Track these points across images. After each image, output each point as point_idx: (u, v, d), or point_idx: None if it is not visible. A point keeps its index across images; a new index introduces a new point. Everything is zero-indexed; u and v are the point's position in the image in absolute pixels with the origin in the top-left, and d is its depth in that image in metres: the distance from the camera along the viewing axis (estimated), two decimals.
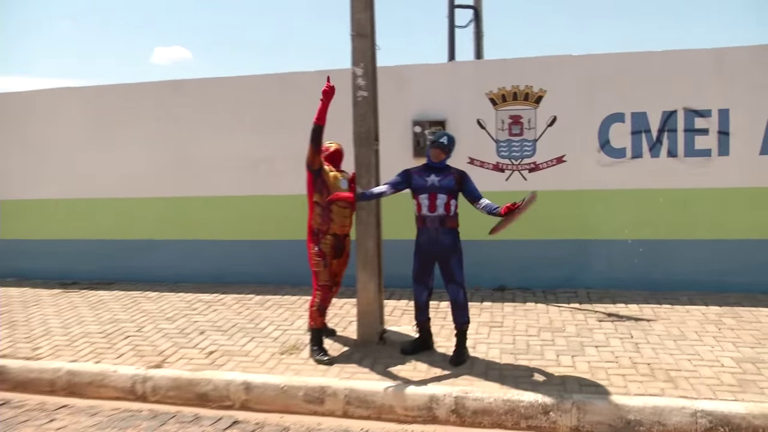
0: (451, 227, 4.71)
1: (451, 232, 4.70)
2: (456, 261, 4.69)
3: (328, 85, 4.88)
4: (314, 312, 4.93)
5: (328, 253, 4.91)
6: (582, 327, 5.39)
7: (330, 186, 4.90)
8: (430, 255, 4.74)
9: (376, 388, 4.30)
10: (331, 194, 4.87)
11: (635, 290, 6.37)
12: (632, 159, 6.33)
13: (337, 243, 4.97)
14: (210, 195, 7.35)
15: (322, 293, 4.91)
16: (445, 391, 4.21)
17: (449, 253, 4.69)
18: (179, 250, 7.47)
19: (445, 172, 4.71)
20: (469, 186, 4.70)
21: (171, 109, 7.36)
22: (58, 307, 6.56)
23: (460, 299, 4.70)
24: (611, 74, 6.33)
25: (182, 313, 6.20)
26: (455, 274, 4.69)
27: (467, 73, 6.62)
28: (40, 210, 7.87)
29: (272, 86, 7.06)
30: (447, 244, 4.68)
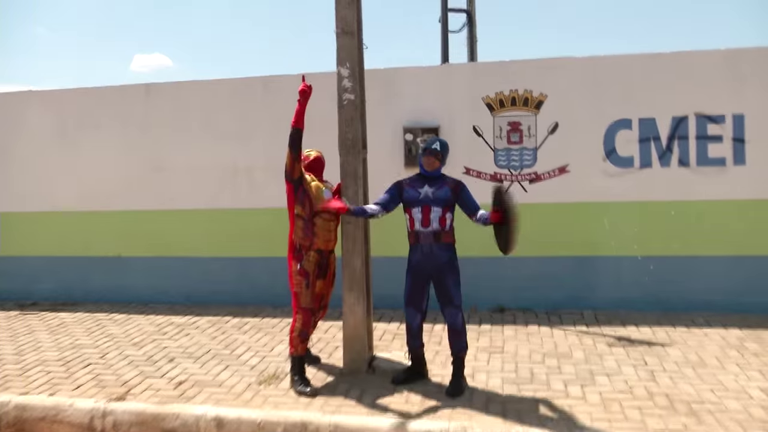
0: (447, 243, 4.45)
1: (446, 248, 4.44)
2: (453, 281, 4.43)
3: (304, 85, 4.68)
4: (295, 338, 4.63)
5: (311, 272, 4.63)
6: (591, 352, 5.12)
7: (313, 197, 4.64)
8: (423, 274, 4.48)
9: (364, 424, 3.99)
10: (314, 206, 4.59)
11: (646, 311, 6.14)
12: (640, 169, 6.15)
13: (321, 260, 4.70)
14: (184, 208, 7.07)
15: (303, 317, 4.62)
16: (442, 426, 3.90)
17: (445, 271, 4.42)
18: (150, 268, 7.19)
19: (440, 183, 4.47)
20: (467, 197, 4.44)
21: (142, 115, 7.11)
22: (12, 332, 6.20)
23: (458, 324, 4.44)
24: (617, 77, 6.16)
25: (151, 338, 5.88)
26: (452, 295, 4.43)
27: (462, 77, 6.43)
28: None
29: (253, 90, 6.84)
30: (443, 261, 4.42)
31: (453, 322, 4.43)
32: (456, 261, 4.46)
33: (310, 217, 4.62)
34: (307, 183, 4.66)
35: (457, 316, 4.43)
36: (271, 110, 6.72)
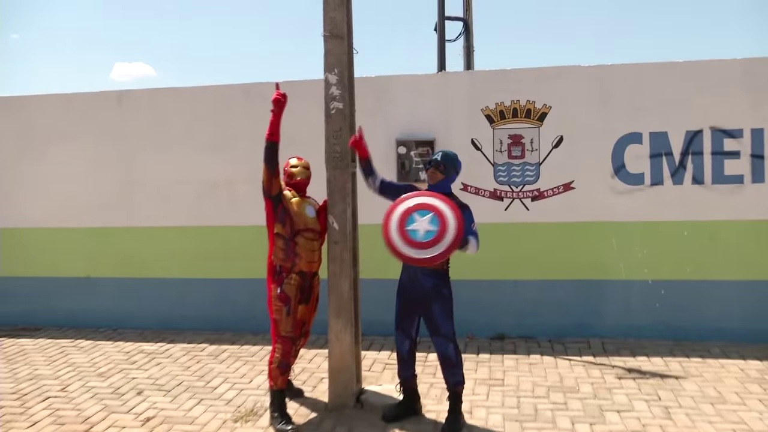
0: (434, 268, 4.22)
1: (433, 275, 4.23)
2: (440, 309, 4.22)
3: (278, 93, 4.52)
4: (274, 370, 4.40)
5: (292, 297, 4.41)
6: (599, 386, 4.91)
7: (294, 214, 4.45)
8: (411, 298, 4.31)
9: None
10: (295, 224, 4.39)
11: (657, 339, 5.95)
12: (651, 186, 6.00)
13: (303, 283, 4.48)
14: (158, 225, 6.85)
15: (283, 347, 4.38)
16: None
17: (431, 299, 4.23)
18: (120, 291, 6.95)
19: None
20: (466, 219, 4.17)
21: (114, 124, 6.90)
22: None
23: (449, 355, 4.23)
24: (626, 88, 6.02)
25: (118, 368, 5.63)
26: (439, 325, 4.23)
27: (460, 86, 6.27)
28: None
29: (234, 98, 6.66)
30: (428, 287, 4.22)
31: (443, 352, 4.23)
32: (445, 288, 4.24)
33: (291, 236, 4.43)
34: (287, 200, 4.48)
35: (447, 346, 4.22)
36: (253, 119, 6.52)
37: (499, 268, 6.16)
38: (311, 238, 4.49)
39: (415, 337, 4.38)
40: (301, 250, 4.43)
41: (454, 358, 4.22)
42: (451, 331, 4.22)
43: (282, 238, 4.44)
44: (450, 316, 4.23)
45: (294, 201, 4.49)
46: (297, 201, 4.51)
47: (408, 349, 4.37)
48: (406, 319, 4.33)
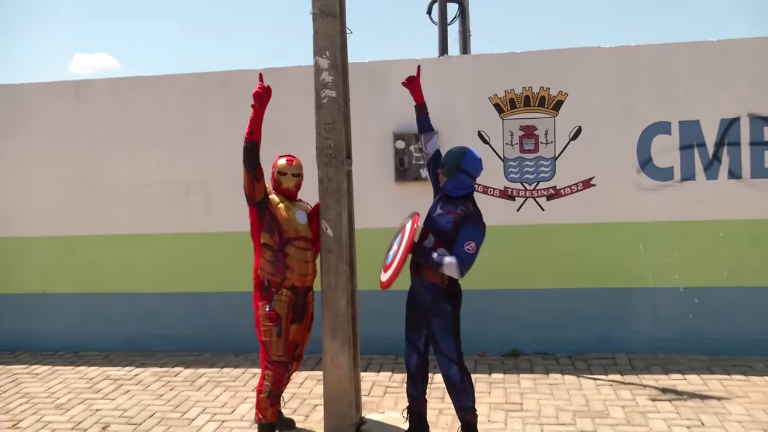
0: (431, 282, 3.99)
1: (430, 288, 4.00)
2: (439, 325, 3.99)
3: (260, 86, 4.26)
4: (263, 400, 4.14)
5: (283, 316, 4.15)
6: (631, 410, 4.68)
7: (282, 221, 4.22)
8: (414, 310, 4.17)
9: None
10: (284, 232, 4.15)
11: (691, 354, 5.75)
12: (682, 182, 5.81)
13: (296, 300, 4.23)
14: (124, 233, 6.57)
15: (274, 373, 4.12)
16: None
17: (429, 312, 4.02)
18: (81, 308, 6.68)
19: (453, 206, 3.98)
20: (462, 235, 3.88)
21: (73, 118, 6.62)
22: None
23: (452, 377, 4.00)
24: (653, 71, 5.81)
25: (80, 398, 5.35)
26: (440, 343, 4.01)
27: (465, 72, 6.06)
28: None
29: (209, 88, 6.42)
30: (426, 300, 4.02)
31: (444, 373, 4.02)
32: (444, 302, 3.99)
33: (281, 247, 4.18)
34: (274, 205, 4.24)
35: (450, 367, 3.99)
36: (232, 112, 6.30)
37: (512, 275, 5.95)
38: (303, 247, 4.24)
39: (423, 351, 4.16)
40: (292, 261, 4.17)
41: (459, 382, 3.97)
42: (452, 350, 3.98)
43: (270, 248, 4.18)
44: (451, 334, 3.98)
45: (282, 206, 4.26)
46: (285, 206, 4.27)
47: (416, 363, 4.17)
48: (413, 330, 4.17)
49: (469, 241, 3.84)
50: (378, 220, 5.78)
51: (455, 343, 3.98)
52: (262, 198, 4.20)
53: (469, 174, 3.99)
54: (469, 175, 4.00)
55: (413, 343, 4.16)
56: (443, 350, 3.97)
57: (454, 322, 3.98)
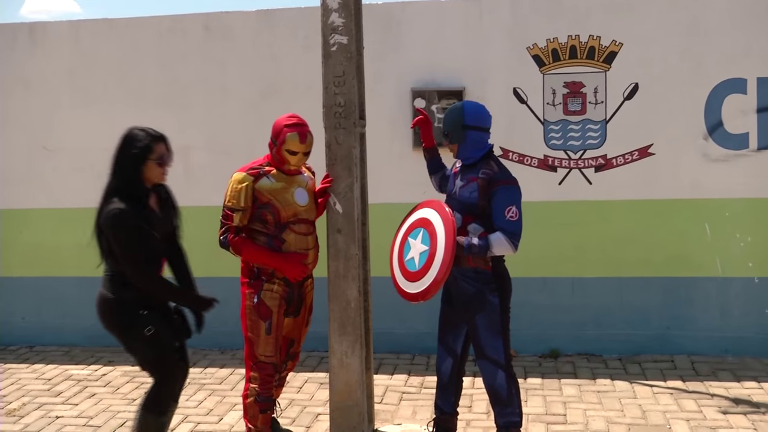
0: (472, 268, 3.92)
1: (472, 276, 3.93)
2: (484, 323, 3.93)
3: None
4: (250, 407, 4.12)
5: (275, 310, 4.08)
6: (698, 424, 4.66)
7: (278, 205, 4.05)
8: (454, 303, 4.07)
9: None
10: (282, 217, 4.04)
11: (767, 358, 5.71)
12: (759, 151, 5.77)
13: (290, 292, 4.17)
14: (87, 206, 6.38)
15: (261, 376, 4.08)
16: None
17: (472, 309, 3.95)
18: (37, 294, 6.67)
19: (472, 173, 3.93)
20: (497, 203, 3.83)
21: (24, 68, 6.56)
22: None
23: (497, 387, 3.95)
24: (725, 17, 5.73)
25: (36, 402, 5.35)
26: (484, 345, 3.95)
27: (499, 17, 5.98)
28: None
29: (189, 34, 6.36)
30: (468, 294, 3.96)
31: (490, 383, 3.97)
32: (491, 294, 3.93)
33: (277, 233, 4.05)
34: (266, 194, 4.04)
35: (495, 374, 3.94)
36: (216, 63, 6.28)
37: (552, 262, 5.93)
38: (304, 232, 4.13)
39: (461, 357, 4.11)
40: (290, 249, 4.08)
41: (506, 392, 3.92)
42: (500, 353, 3.93)
43: (263, 235, 4.08)
44: (498, 333, 3.93)
45: (278, 187, 4.07)
46: (282, 186, 4.08)
47: (450, 370, 4.12)
48: (449, 331, 4.11)
49: (508, 207, 3.79)
50: (392, 195, 5.77)
51: (503, 344, 3.92)
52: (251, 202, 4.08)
53: (478, 128, 3.94)
54: (478, 129, 3.94)
55: (448, 347, 4.10)
56: (488, 354, 3.91)
57: (502, 318, 3.91)
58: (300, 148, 4.05)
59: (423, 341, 5.96)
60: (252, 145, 5.54)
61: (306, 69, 5.60)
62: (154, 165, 3.80)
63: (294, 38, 5.94)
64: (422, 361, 5.87)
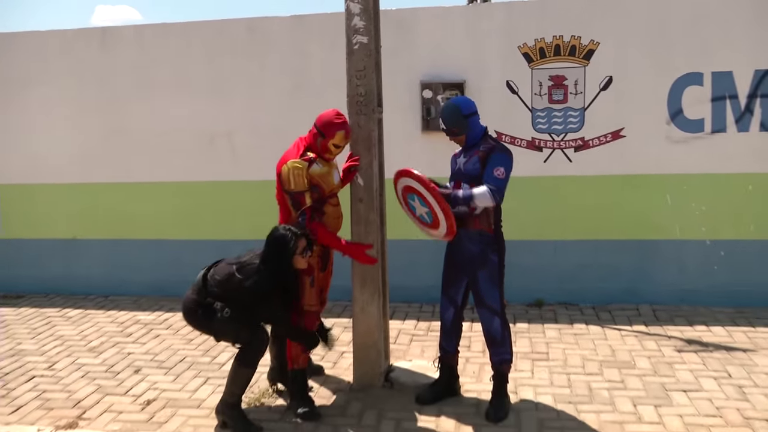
0: (477, 230, 3.86)
1: (477, 238, 3.87)
2: (485, 277, 3.88)
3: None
4: (293, 347, 4.05)
5: (315, 267, 4.06)
6: (658, 360, 4.59)
7: (326, 184, 4.03)
8: (456, 262, 4.00)
9: None
10: (323, 192, 4.00)
11: (716, 306, 5.64)
12: (713, 134, 5.62)
13: (324, 251, 4.15)
14: (151, 180, 6.47)
15: (306, 322, 4.03)
16: None
17: (475, 265, 3.89)
18: (111, 254, 6.61)
19: (474, 150, 3.89)
20: (489, 165, 3.77)
21: (97, 65, 6.44)
22: None
23: (493, 331, 3.91)
24: (686, 21, 5.56)
25: (112, 341, 5.31)
26: (485, 295, 3.90)
27: (494, 20, 5.81)
28: None
29: (235, 35, 6.21)
30: (472, 253, 3.89)
31: (488, 327, 3.92)
32: (493, 254, 3.88)
33: (320, 206, 4.03)
34: (316, 179, 3.98)
35: (492, 320, 3.89)
36: (255, 60, 6.14)
37: (538, 227, 5.82)
38: (336, 203, 4.15)
39: (461, 306, 4.06)
40: (328, 219, 4.07)
41: (500, 335, 3.89)
42: (497, 302, 3.89)
43: (312, 202, 4.02)
44: (497, 286, 3.88)
45: (324, 172, 4.02)
46: (326, 171, 4.05)
47: (452, 318, 4.07)
48: (451, 284, 4.03)
49: (497, 167, 3.74)
50: None
51: (500, 295, 3.88)
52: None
53: (472, 114, 3.88)
54: (473, 114, 3.88)
55: (451, 298, 4.05)
56: (487, 303, 3.87)
57: (499, 274, 3.87)
58: (344, 143, 4.04)
59: (429, 293, 5.87)
60: (286, 129, 5.44)
61: (332, 64, 5.50)
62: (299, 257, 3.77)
63: (322, 39, 5.83)
64: (429, 309, 5.82)
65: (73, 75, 6.47)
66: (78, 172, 6.56)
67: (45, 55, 6.51)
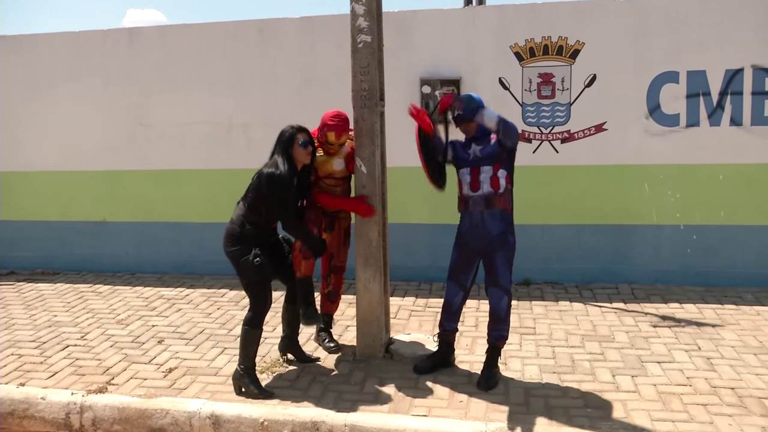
0: (502, 209, 3.82)
1: (500, 217, 3.83)
2: (503, 259, 3.83)
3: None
4: (296, 257, 4.10)
5: (315, 218, 4.21)
6: (635, 335, 4.56)
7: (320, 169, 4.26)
8: (472, 246, 3.89)
9: (384, 425, 3.42)
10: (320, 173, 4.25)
11: (688, 286, 5.59)
12: (687, 128, 5.52)
13: (325, 212, 4.31)
14: (173, 168, 6.42)
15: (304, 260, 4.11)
16: (478, 429, 3.35)
17: (496, 246, 3.82)
18: (137, 235, 6.57)
19: (488, 138, 3.85)
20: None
21: (125, 64, 6.37)
22: None
23: (501, 309, 3.85)
24: (664, 24, 5.47)
25: (138, 314, 5.29)
26: (500, 275, 3.83)
27: (488, 22, 5.72)
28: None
29: (248, 36, 6.12)
30: (495, 233, 3.81)
31: (496, 305, 3.84)
32: (511, 236, 3.86)
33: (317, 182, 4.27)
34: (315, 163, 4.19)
35: (502, 299, 3.83)
36: (268, 58, 6.06)
37: (527, 212, 5.60)
38: (333, 185, 4.26)
39: (469, 290, 4.00)
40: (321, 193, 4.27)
41: (505, 313, 3.85)
42: (509, 283, 3.85)
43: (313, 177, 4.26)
44: (511, 267, 3.85)
45: (321, 160, 4.24)
46: (324, 159, 4.24)
47: (460, 302, 4.00)
48: (463, 270, 3.93)
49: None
50: (404, 160, 5.52)
51: (511, 276, 3.84)
52: None
53: (482, 105, 3.82)
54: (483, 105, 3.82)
55: (460, 284, 3.95)
56: (501, 282, 3.80)
57: (513, 256, 3.85)
58: (335, 141, 4.16)
59: (426, 272, 5.90)
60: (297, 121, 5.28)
61: (339, 62, 5.41)
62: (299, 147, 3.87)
63: (329, 38, 5.76)
64: (426, 287, 5.79)
65: (103, 72, 6.40)
66: (107, 160, 6.50)
67: (78, 54, 6.43)
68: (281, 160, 3.81)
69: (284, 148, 3.86)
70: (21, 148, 6.63)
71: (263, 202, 3.80)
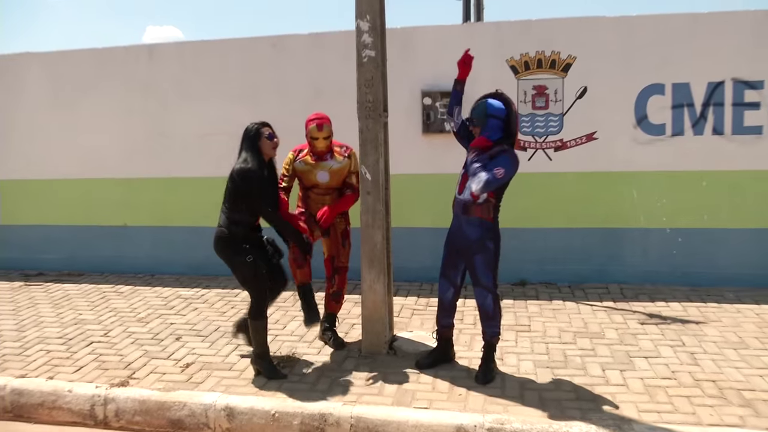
0: (478, 218, 3.83)
1: (477, 225, 3.84)
2: (482, 261, 3.85)
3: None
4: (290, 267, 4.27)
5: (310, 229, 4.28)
6: (624, 332, 4.58)
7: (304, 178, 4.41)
8: (456, 247, 3.95)
9: (389, 416, 3.45)
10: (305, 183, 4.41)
11: (673, 285, 5.59)
12: (672, 137, 5.53)
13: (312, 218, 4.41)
14: (190, 175, 6.46)
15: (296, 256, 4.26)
16: (476, 421, 3.36)
17: (473, 249, 3.85)
18: (156, 238, 6.61)
19: (487, 155, 3.81)
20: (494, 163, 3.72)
21: (144, 77, 6.43)
22: (15, 305, 5.63)
23: (487, 307, 3.89)
24: (650, 39, 5.49)
25: (157, 313, 5.33)
26: (480, 276, 3.87)
27: (485, 37, 5.74)
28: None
29: (261, 51, 6.16)
30: (471, 238, 3.85)
31: (482, 304, 3.89)
32: (489, 241, 3.85)
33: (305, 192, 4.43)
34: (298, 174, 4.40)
35: (486, 297, 3.87)
36: (279, 72, 6.09)
37: (522, 216, 5.75)
38: (322, 194, 4.37)
39: (459, 286, 4.03)
40: (311, 202, 4.39)
41: (492, 311, 3.88)
42: (491, 283, 3.86)
43: (301, 190, 4.46)
44: (491, 269, 3.86)
45: (304, 170, 4.36)
46: (308, 169, 4.34)
47: (450, 298, 4.03)
48: (451, 268, 3.99)
49: (499, 168, 3.68)
50: (407, 167, 5.66)
51: (493, 277, 3.86)
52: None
53: (495, 116, 3.82)
54: (495, 117, 3.83)
55: (451, 280, 3.99)
56: (482, 283, 3.84)
57: (494, 259, 3.85)
58: (318, 135, 4.22)
59: (428, 273, 5.85)
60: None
61: (345, 75, 5.44)
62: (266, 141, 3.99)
63: (336, 53, 5.80)
64: (427, 288, 5.80)
65: (123, 85, 6.46)
66: (127, 168, 6.56)
67: (101, 68, 6.50)
68: (249, 155, 3.89)
69: (251, 144, 3.94)
70: (49, 157, 6.70)
71: (241, 197, 3.87)
